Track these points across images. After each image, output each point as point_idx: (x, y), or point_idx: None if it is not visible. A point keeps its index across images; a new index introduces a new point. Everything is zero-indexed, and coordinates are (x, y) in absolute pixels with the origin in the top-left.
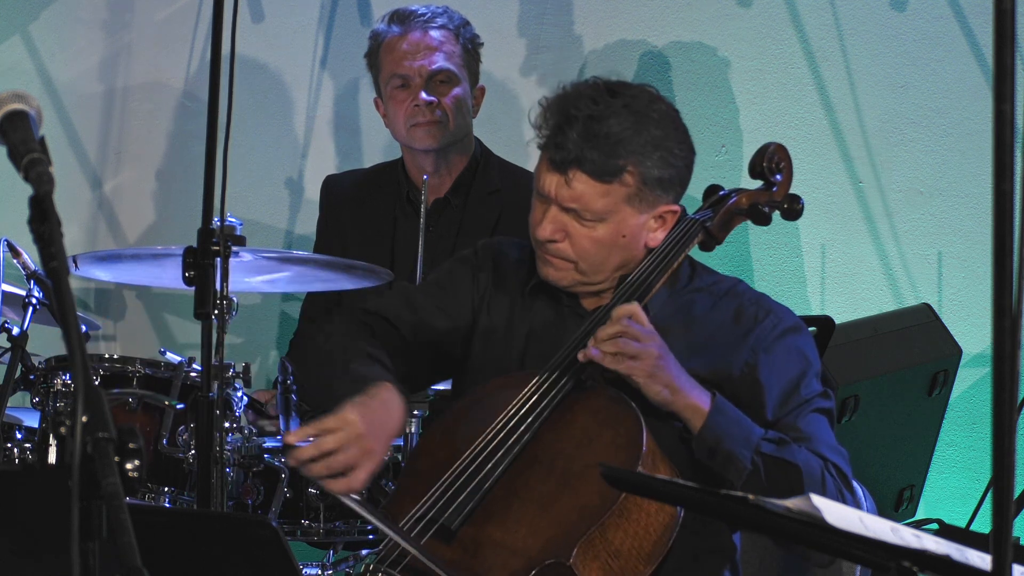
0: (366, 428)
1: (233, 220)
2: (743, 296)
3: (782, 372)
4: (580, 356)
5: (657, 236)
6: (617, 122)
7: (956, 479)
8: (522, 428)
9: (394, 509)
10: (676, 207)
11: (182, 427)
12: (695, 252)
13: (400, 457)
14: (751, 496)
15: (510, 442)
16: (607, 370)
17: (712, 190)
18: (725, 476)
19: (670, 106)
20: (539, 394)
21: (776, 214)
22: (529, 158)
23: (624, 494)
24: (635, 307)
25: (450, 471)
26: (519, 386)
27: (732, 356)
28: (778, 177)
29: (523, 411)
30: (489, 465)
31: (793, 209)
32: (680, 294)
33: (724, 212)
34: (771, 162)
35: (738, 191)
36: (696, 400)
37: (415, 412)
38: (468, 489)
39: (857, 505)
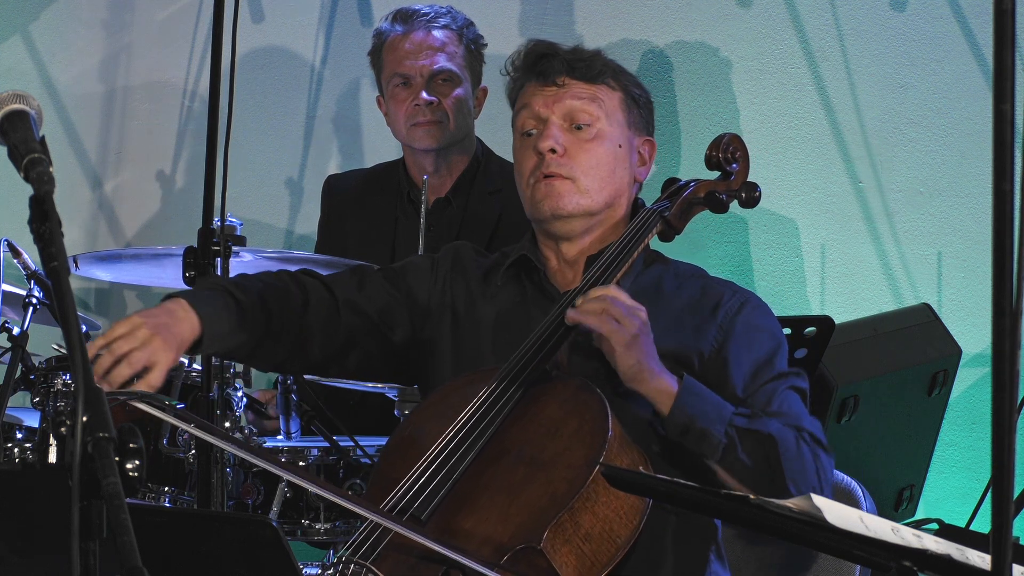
0: (151, 329)
1: (233, 220)
2: (708, 278)
3: (752, 348)
4: (567, 317)
5: (642, 171)
6: (589, 53)
7: (956, 479)
8: (488, 419)
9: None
10: (653, 140)
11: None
12: (655, 243)
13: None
14: (752, 496)
15: (476, 432)
16: (572, 359)
17: (671, 181)
18: (699, 452)
19: None
20: (504, 385)
21: (734, 203)
22: None
23: (592, 478)
24: (615, 288)
25: (419, 463)
26: (485, 380)
27: (701, 333)
28: (734, 166)
29: (489, 402)
30: (456, 456)
31: (751, 197)
32: (646, 274)
33: (682, 202)
34: (726, 152)
35: (696, 181)
36: (666, 383)
37: (406, 412)
38: (437, 479)
39: (829, 470)
